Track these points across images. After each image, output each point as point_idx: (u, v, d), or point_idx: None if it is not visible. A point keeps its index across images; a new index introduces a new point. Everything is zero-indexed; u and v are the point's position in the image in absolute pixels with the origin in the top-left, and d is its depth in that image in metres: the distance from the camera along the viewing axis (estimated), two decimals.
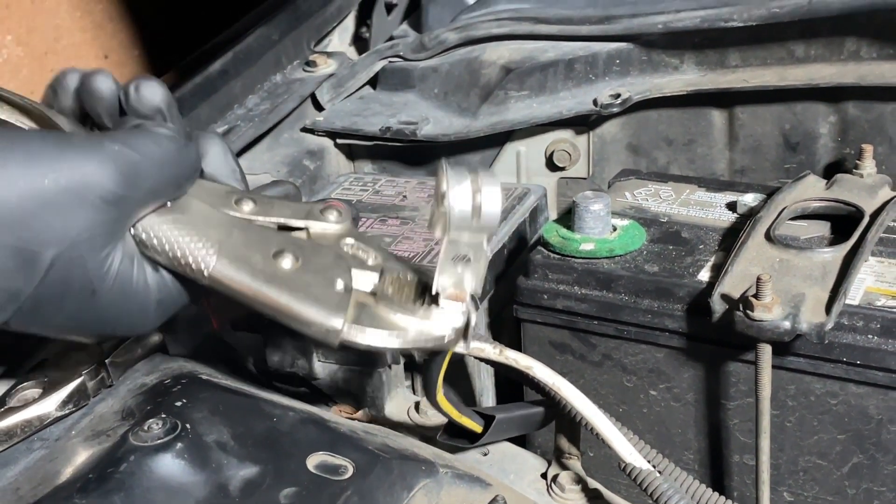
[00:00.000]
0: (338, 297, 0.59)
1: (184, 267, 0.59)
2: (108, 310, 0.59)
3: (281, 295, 0.58)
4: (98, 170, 0.56)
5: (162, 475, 0.63)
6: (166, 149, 0.59)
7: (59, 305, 0.57)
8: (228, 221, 0.62)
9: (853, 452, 0.80)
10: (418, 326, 0.60)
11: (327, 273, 0.60)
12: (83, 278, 0.57)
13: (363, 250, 0.64)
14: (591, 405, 0.71)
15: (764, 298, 0.75)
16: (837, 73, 1.02)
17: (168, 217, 0.59)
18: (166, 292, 0.62)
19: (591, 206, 0.88)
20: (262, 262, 0.59)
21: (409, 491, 0.67)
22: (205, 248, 0.58)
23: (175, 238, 0.58)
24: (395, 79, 1.21)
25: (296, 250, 0.60)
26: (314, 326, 0.58)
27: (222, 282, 0.58)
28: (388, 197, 1.03)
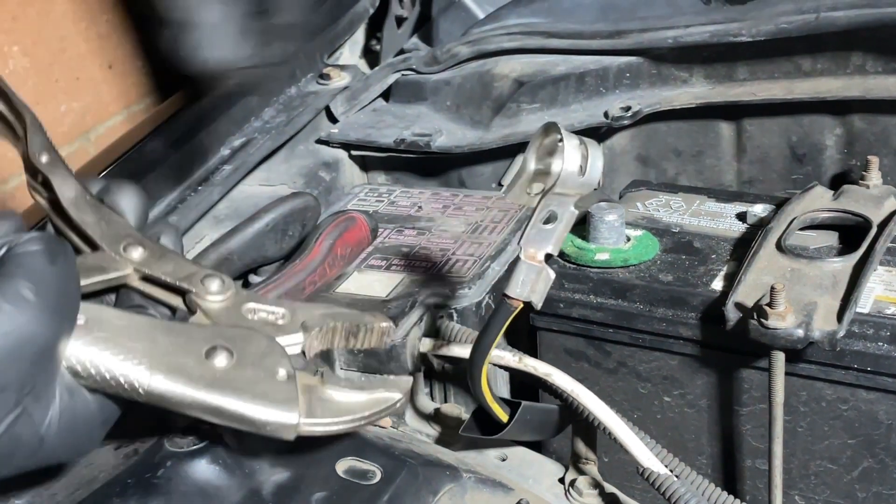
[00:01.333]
0: (284, 388, 0.56)
1: (116, 388, 0.54)
2: (57, 450, 0.55)
3: (226, 400, 0.54)
4: (25, 320, 0.50)
5: (197, 480, 0.64)
6: (61, 259, 0.54)
7: (8, 463, 0.53)
8: (149, 326, 0.57)
9: (863, 457, 0.81)
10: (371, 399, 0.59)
11: (265, 362, 0.57)
12: (31, 432, 0.52)
13: (271, 312, 0.61)
14: (609, 411, 0.73)
15: (777, 307, 0.76)
16: (843, 86, 1.03)
17: (87, 339, 0.54)
18: (109, 411, 0.57)
19: (605, 217, 0.89)
20: (196, 366, 0.55)
21: (434, 495, 0.69)
22: (134, 366, 0.54)
23: (101, 361, 0.54)
24: (408, 91, 1.22)
25: (227, 344, 0.56)
26: (268, 426, 0.55)
27: (163, 397, 0.54)
28: (403, 208, 1.05)
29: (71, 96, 1.91)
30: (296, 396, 0.56)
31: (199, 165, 1.03)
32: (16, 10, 1.74)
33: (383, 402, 0.59)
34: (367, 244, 0.97)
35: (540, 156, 0.65)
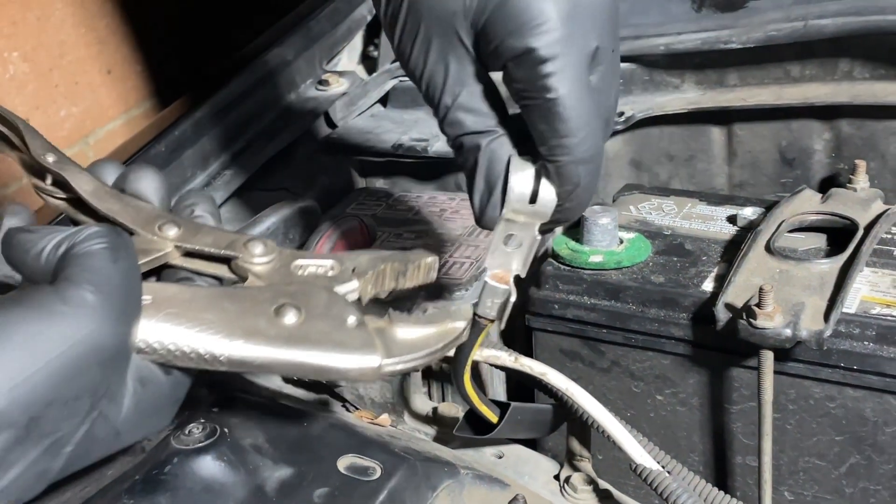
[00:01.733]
0: (358, 334, 0.57)
1: (196, 361, 0.54)
2: (132, 437, 0.55)
3: (306, 354, 0.55)
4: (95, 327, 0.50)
5: (203, 476, 0.66)
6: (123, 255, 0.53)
7: (87, 457, 0.53)
8: (213, 296, 0.57)
9: (850, 453, 0.82)
10: (439, 332, 0.59)
11: (331, 312, 0.57)
12: (107, 429, 0.53)
13: (320, 265, 0.61)
14: (603, 410, 0.73)
15: (766, 307, 0.77)
16: (832, 92, 1.04)
17: (159, 317, 0.54)
18: (180, 386, 0.57)
19: (599, 220, 0.91)
20: (269, 326, 0.55)
21: (433, 491, 0.70)
22: (211, 336, 0.54)
23: (177, 336, 0.53)
24: (405, 97, 1.22)
25: (291, 300, 0.57)
26: (352, 372, 0.55)
27: (244, 362, 0.54)
28: (401, 211, 1.07)
29: (70, 101, 1.92)
30: (372, 340, 0.56)
31: (201, 170, 1.04)
32: (16, 16, 1.75)
33: (451, 332, 0.60)
34: (366, 247, 0.98)
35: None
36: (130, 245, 0.55)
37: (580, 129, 0.63)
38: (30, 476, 0.49)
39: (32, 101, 1.83)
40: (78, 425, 0.50)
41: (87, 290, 0.50)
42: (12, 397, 0.47)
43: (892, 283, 0.83)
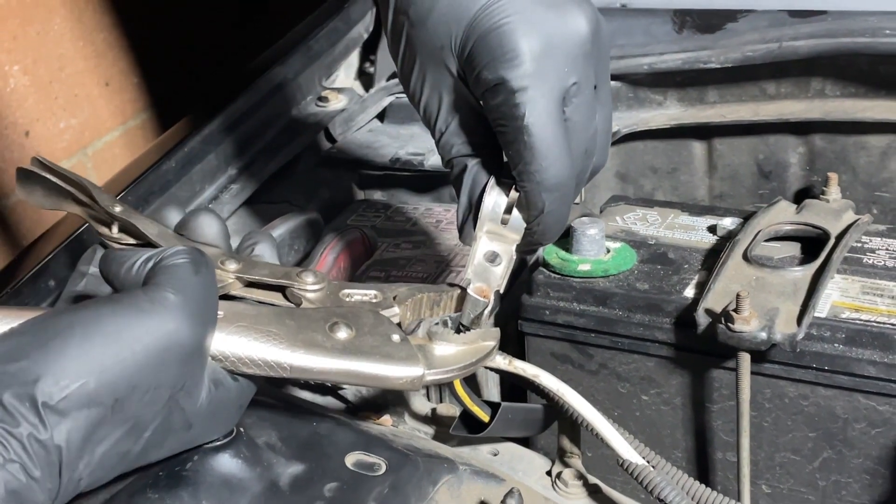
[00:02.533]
0: (403, 348, 0.63)
1: (263, 368, 0.61)
2: (203, 434, 0.62)
3: (359, 364, 0.62)
4: (175, 326, 0.55)
5: (222, 472, 0.67)
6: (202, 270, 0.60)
7: (161, 447, 0.59)
8: (276, 313, 0.63)
9: (823, 448, 0.84)
10: (472, 349, 0.67)
11: (378, 330, 0.64)
12: (182, 420, 0.58)
13: (364, 294, 0.68)
14: (592, 409, 0.75)
15: (743, 312, 0.79)
16: (805, 108, 1.06)
17: (230, 329, 0.60)
18: (246, 394, 0.64)
19: (587, 231, 0.93)
20: (325, 339, 0.62)
21: (434, 485, 0.72)
22: (276, 346, 0.60)
23: (246, 346, 0.60)
24: (401, 113, 1.24)
25: (342, 319, 0.63)
26: (400, 381, 0.62)
27: (305, 369, 0.61)
28: (399, 223, 1.09)
29: (70, 113, 1.94)
30: (416, 354, 0.63)
31: (209, 184, 1.07)
32: (16, 31, 1.77)
33: (482, 350, 0.67)
34: (367, 257, 1.00)
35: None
36: (210, 263, 0.61)
37: (545, 158, 0.67)
38: (113, 455, 0.55)
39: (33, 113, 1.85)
40: (157, 413, 0.56)
41: (170, 292, 0.56)
42: (102, 380, 0.53)
43: (861, 289, 0.86)
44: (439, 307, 0.69)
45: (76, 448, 0.53)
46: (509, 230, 0.67)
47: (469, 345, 0.66)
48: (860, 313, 0.83)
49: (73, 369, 0.52)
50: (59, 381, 0.52)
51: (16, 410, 0.51)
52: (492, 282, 0.68)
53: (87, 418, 0.53)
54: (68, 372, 0.52)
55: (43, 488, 0.51)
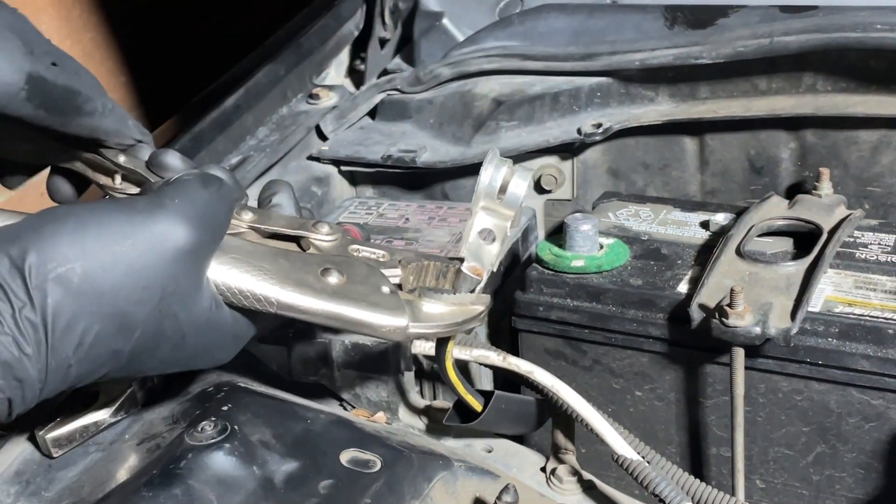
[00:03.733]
0: (391, 299, 0.65)
1: (253, 301, 0.61)
2: (196, 350, 0.62)
3: (345, 308, 0.63)
4: (169, 226, 0.57)
5: (216, 470, 0.68)
6: (212, 187, 0.61)
7: (154, 353, 0.59)
8: (271, 252, 0.64)
9: (817, 443, 0.85)
10: (461, 310, 0.67)
11: (369, 280, 0.65)
12: (175, 327, 0.59)
13: (372, 252, 0.69)
14: (586, 404, 0.76)
15: (737, 307, 0.80)
16: (797, 104, 1.06)
17: (224, 259, 0.61)
18: (239, 326, 0.64)
19: (580, 227, 0.93)
20: (315, 281, 0.63)
21: (429, 482, 0.72)
22: (266, 281, 0.61)
23: (237, 279, 0.61)
24: (393, 110, 1.24)
25: (336, 266, 0.65)
26: (383, 329, 0.63)
27: (291, 307, 0.62)
28: (391, 219, 1.09)
29: None
30: (402, 305, 0.64)
31: None
32: None
33: (470, 312, 0.67)
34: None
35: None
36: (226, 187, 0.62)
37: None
38: (103, 350, 0.56)
39: None
40: (148, 314, 0.57)
41: (171, 197, 0.58)
42: (89, 268, 0.54)
43: (854, 283, 0.86)
44: (445, 278, 0.69)
45: (61, 330, 0.54)
46: (505, 206, 0.67)
47: (458, 306, 0.67)
48: (853, 307, 0.83)
49: (62, 253, 0.54)
50: (48, 262, 0.53)
51: (6, 285, 0.52)
52: (485, 260, 0.68)
53: (75, 303, 0.54)
54: (57, 255, 0.54)
55: (34, 366, 0.53)
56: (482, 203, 0.67)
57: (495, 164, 0.66)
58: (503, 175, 0.66)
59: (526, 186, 0.67)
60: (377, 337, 0.65)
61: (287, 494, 0.69)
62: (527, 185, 0.67)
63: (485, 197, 0.66)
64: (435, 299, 0.67)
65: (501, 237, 0.67)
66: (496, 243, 0.67)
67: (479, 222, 0.67)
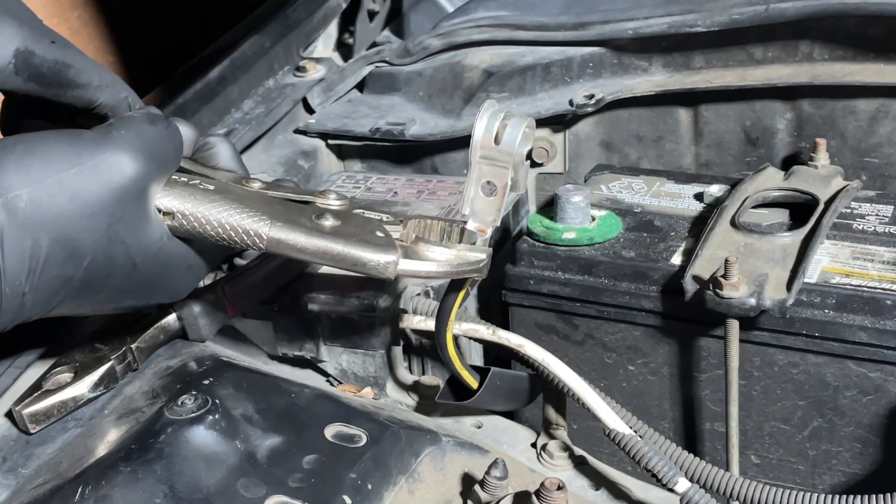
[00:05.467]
0: (383, 239, 0.66)
1: (241, 236, 0.64)
2: (149, 279, 0.64)
3: (336, 244, 0.64)
4: (115, 155, 0.59)
5: (196, 445, 0.67)
6: (159, 124, 0.64)
7: (105, 282, 0.61)
8: (264, 197, 0.67)
9: (813, 417, 0.84)
10: (458, 255, 0.67)
11: (365, 226, 0.67)
12: (125, 255, 0.61)
13: (376, 214, 0.70)
14: (577, 378, 0.75)
15: (731, 278, 0.79)
16: (793, 73, 1.05)
17: (215, 197, 0.64)
18: (194, 259, 0.67)
19: (572, 198, 0.92)
20: (308, 222, 0.65)
21: (416, 457, 0.72)
22: (257, 217, 0.64)
23: (227, 214, 0.64)
24: (381, 82, 1.22)
25: (332, 213, 0.67)
26: (372, 263, 0.64)
27: (281, 242, 0.64)
28: (379, 193, 1.07)
29: None
30: (394, 244, 0.66)
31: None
32: None
33: (468, 258, 0.67)
34: None
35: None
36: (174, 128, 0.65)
37: None
38: (55, 278, 0.58)
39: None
40: (96, 241, 0.59)
41: (118, 129, 0.61)
42: (35, 195, 0.56)
43: (850, 254, 0.86)
44: (449, 238, 0.69)
45: (10, 256, 0.56)
46: (502, 153, 0.65)
47: (455, 251, 0.67)
48: (851, 278, 0.83)
49: (7, 180, 0.56)
50: None
51: None
52: (488, 214, 0.67)
53: (21, 229, 0.56)
54: (3, 182, 0.56)
55: None
56: (479, 153, 0.65)
57: (490, 113, 0.65)
58: (498, 123, 0.65)
59: (522, 130, 0.65)
60: (366, 274, 0.65)
61: (270, 469, 0.68)
62: (523, 129, 0.65)
63: (481, 146, 0.65)
64: (431, 243, 0.67)
65: (502, 187, 0.66)
66: (497, 195, 0.66)
67: (478, 174, 0.66)
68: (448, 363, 0.76)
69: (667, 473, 0.70)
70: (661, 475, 0.70)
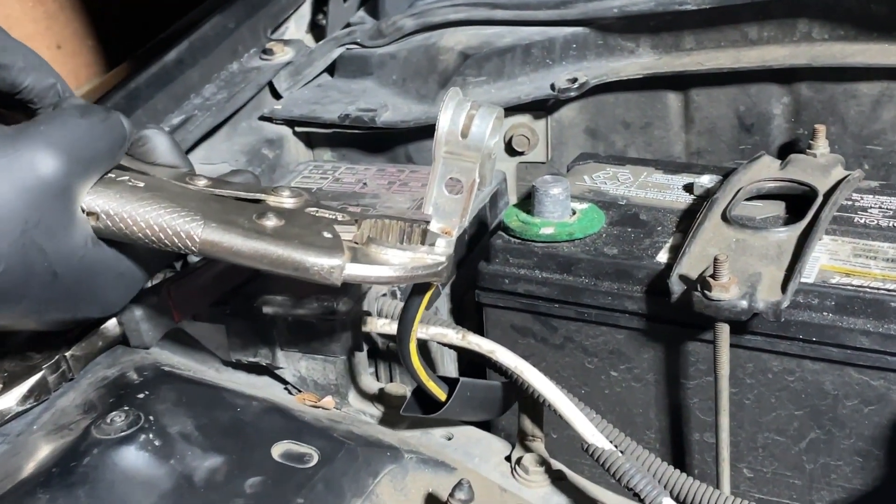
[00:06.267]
0: (330, 240, 0.61)
1: (172, 238, 0.59)
2: (73, 290, 0.60)
3: (277, 246, 0.59)
4: (31, 153, 0.56)
5: (126, 468, 0.64)
6: (93, 118, 0.60)
7: (24, 292, 0.57)
8: (202, 195, 0.63)
9: (810, 428, 0.82)
10: (413, 258, 0.62)
11: (311, 227, 0.62)
12: (43, 263, 0.57)
13: (330, 213, 0.65)
14: (553, 387, 0.72)
15: (721, 278, 0.76)
16: (790, 54, 1.03)
17: (144, 195, 0.60)
18: (126, 266, 0.63)
19: (550, 190, 0.89)
20: (247, 222, 0.60)
21: (374, 477, 0.68)
22: (189, 218, 0.59)
23: (156, 214, 0.59)
24: (352, 66, 1.20)
25: (275, 212, 0.61)
26: (315, 267, 0.59)
27: (214, 244, 0.59)
28: (348, 184, 1.03)
29: None
30: (341, 245, 0.60)
31: None
32: None
33: (427, 262, 0.62)
34: None
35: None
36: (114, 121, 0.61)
37: None
38: None
39: None
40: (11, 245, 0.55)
41: (39, 124, 0.57)
42: None
43: (852, 251, 0.83)
44: (409, 240, 0.64)
45: None
46: (469, 148, 0.62)
47: (411, 253, 0.62)
48: (852, 278, 0.80)
49: None
50: None
51: None
52: (453, 214, 0.63)
53: None
54: None
55: None
56: (444, 148, 0.62)
57: (455, 103, 0.61)
58: (465, 114, 0.61)
59: (492, 122, 0.61)
60: (309, 279, 0.60)
61: (208, 494, 0.65)
62: (492, 121, 0.61)
63: (446, 141, 0.61)
64: (385, 245, 0.62)
65: (469, 185, 0.62)
66: (464, 193, 0.62)
67: (442, 170, 0.62)
68: (413, 374, 0.72)
69: (650, 493, 0.67)
70: (644, 494, 0.67)
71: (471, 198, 0.63)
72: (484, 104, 0.62)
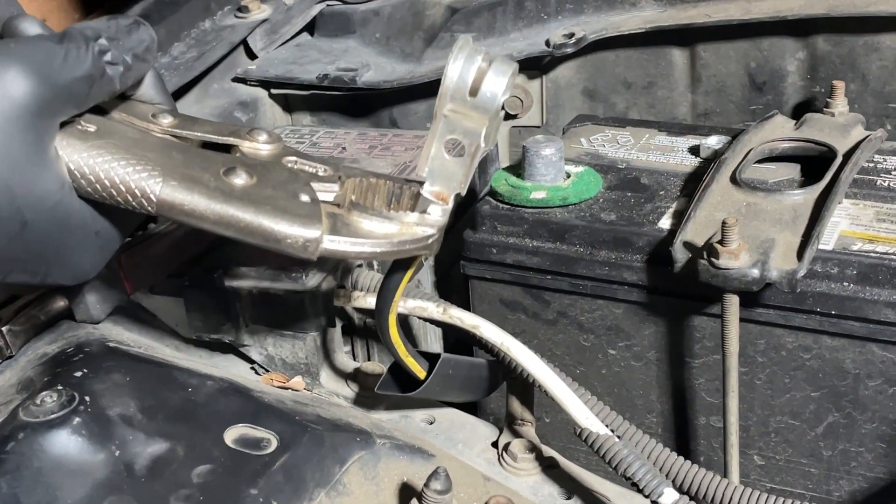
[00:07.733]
0: (307, 207, 0.55)
1: (126, 195, 0.53)
2: (44, 244, 0.54)
3: (245, 211, 0.53)
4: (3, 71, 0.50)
5: (56, 454, 0.59)
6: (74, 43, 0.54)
7: None
8: (164, 143, 0.57)
9: (828, 411, 0.80)
10: (401, 229, 0.57)
11: (287, 186, 0.56)
12: (11, 206, 0.51)
13: (311, 165, 0.60)
14: (542, 365, 0.70)
15: (730, 245, 0.74)
16: (806, 3, 1.00)
17: (95, 142, 0.54)
18: (102, 225, 0.57)
19: (542, 151, 0.87)
20: (213, 180, 0.54)
21: (341, 464, 0.65)
22: (146, 172, 0.53)
23: (110, 165, 0.53)
24: (333, 24, 1.17)
25: (246, 167, 0.56)
26: (289, 240, 0.54)
27: (174, 206, 0.53)
28: (325, 149, 1.00)
29: None
30: (319, 214, 0.55)
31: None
32: None
33: (413, 234, 0.57)
34: None
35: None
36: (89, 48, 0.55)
37: None
38: None
39: None
40: None
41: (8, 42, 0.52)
42: None
43: (875, 215, 0.80)
44: (398, 203, 0.59)
45: None
46: (478, 109, 0.57)
47: (398, 224, 0.57)
48: (875, 244, 0.77)
49: None
50: None
51: None
52: (451, 180, 0.59)
53: None
54: None
55: None
56: (449, 106, 0.57)
57: (466, 54, 0.56)
58: (476, 69, 0.56)
59: (506, 82, 0.57)
60: (282, 252, 0.55)
61: (149, 484, 0.61)
62: (507, 79, 0.56)
63: (452, 98, 0.56)
64: (370, 216, 0.57)
65: (473, 150, 0.57)
66: (466, 157, 0.57)
67: (443, 129, 0.57)
68: (390, 348, 0.68)
69: (650, 482, 0.65)
70: (644, 484, 0.65)
71: (474, 163, 0.58)
72: (498, 58, 0.57)
